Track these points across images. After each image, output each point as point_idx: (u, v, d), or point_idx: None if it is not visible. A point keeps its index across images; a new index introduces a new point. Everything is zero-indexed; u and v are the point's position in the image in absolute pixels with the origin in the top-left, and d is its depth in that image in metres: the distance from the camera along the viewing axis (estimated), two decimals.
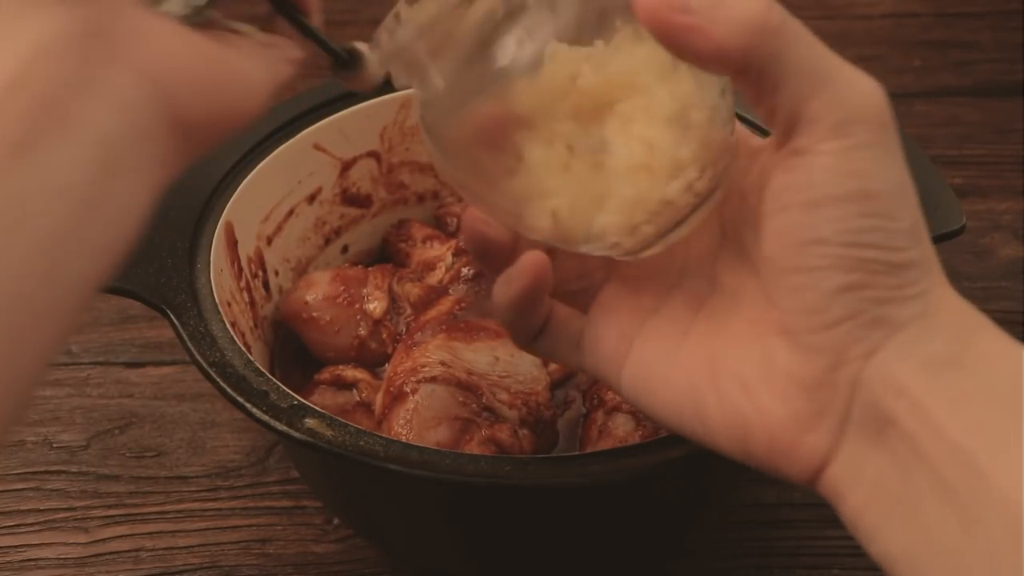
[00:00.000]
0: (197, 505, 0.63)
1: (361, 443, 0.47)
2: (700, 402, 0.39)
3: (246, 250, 0.61)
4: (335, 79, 0.45)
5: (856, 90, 0.36)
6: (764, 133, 0.43)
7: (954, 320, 0.36)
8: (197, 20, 0.39)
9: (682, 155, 0.37)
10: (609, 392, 0.56)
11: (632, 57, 0.37)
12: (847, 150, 0.35)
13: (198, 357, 0.51)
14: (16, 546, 0.61)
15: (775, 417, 0.37)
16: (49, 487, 0.64)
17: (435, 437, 0.52)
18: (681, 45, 0.35)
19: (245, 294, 0.60)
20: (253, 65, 0.39)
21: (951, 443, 0.34)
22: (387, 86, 0.43)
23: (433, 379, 0.53)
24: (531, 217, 0.39)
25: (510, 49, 0.38)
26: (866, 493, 0.36)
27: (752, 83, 0.36)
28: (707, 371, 0.39)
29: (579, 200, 0.38)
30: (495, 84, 0.38)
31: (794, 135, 0.36)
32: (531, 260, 0.41)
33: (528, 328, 0.43)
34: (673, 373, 0.40)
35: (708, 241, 0.41)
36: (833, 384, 0.36)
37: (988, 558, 0.33)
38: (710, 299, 0.41)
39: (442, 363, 0.54)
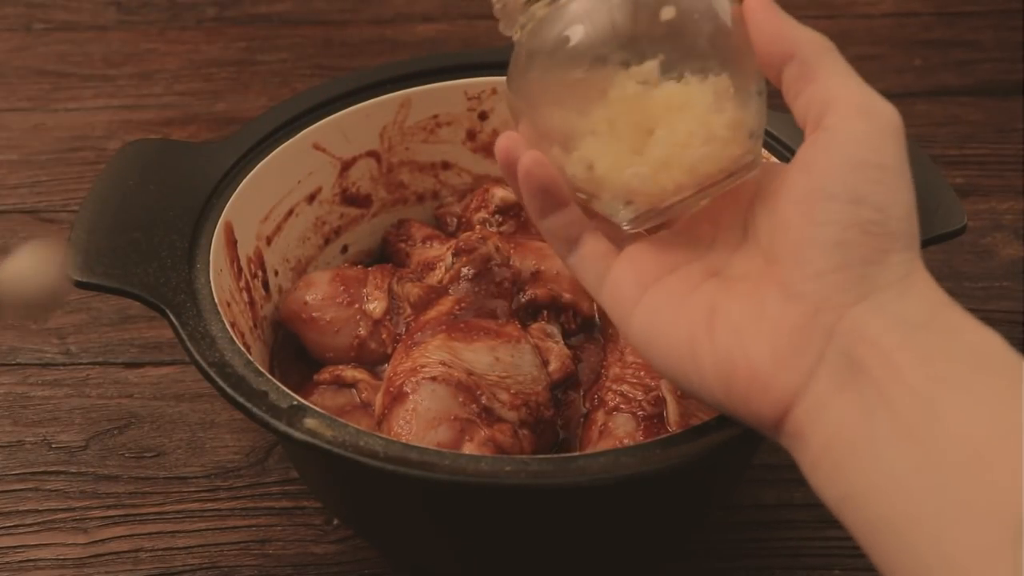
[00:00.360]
0: (196, 506, 0.63)
1: (361, 443, 0.46)
2: (696, 348, 0.43)
3: (245, 250, 0.60)
4: None
5: (878, 97, 0.43)
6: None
7: (927, 292, 0.41)
8: None
9: (717, 134, 0.44)
10: (609, 392, 0.56)
11: (689, 88, 0.44)
12: (869, 128, 0.42)
13: (197, 357, 0.50)
14: (15, 547, 0.61)
15: (758, 356, 0.41)
16: (48, 487, 0.64)
17: (435, 437, 0.52)
18: (758, 20, 0.44)
19: (244, 294, 0.60)
20: None
21: (914, 391, 0.38)
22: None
23: (433, 379, 0.53)
24: (571, 164, 0.46)
25: (574, 30, 0.45)
26: (828, 435, 0.39)
27: (796, 72, 0.44)
28: (706, 320, 0.43)
29: (617, 158, 0.45)
30: (559, 56, 0.45)
31: (824, 118, 0.43)
32: (528, 156, 0.46)
33: (560, 236, 0.48)
34: (677, 321, 0.44)
35: (733, 238, 0.46)
36: (812, 328, 0.40)
37: (937, 491, 0.36)
38: (723, 272, 0.46)
39: (442, 363, 0.54)
